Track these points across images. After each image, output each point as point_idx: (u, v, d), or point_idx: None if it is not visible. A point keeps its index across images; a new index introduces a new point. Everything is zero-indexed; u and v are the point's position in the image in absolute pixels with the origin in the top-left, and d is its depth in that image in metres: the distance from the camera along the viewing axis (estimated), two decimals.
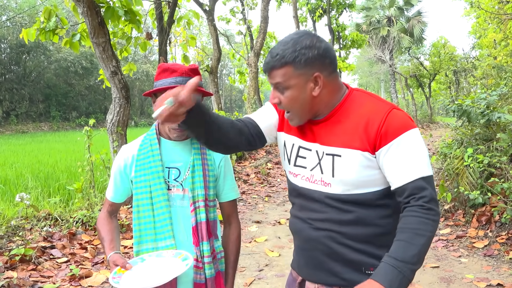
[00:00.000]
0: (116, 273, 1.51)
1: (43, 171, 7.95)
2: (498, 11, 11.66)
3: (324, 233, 1.38)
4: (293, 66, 1.29)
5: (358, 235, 1.35)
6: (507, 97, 5.84)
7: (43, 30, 5.37)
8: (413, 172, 1.28)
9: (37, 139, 19.76)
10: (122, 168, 1.69)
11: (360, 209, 1.34)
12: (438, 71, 25.11)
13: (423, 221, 1.25)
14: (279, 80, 1.32)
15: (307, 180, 1.41)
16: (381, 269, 1.23)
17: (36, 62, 32.54)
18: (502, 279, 3.47)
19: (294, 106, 1.35)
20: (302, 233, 1.45)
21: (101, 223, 1.71)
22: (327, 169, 1.36)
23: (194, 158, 1.66)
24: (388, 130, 1.28)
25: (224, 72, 52.00)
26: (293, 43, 1.30)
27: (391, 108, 1.32)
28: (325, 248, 1.39)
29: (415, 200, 1.27)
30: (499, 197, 4.40)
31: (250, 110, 13.54)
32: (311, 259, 1.44)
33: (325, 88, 1.34)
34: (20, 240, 4.03)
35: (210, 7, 11.92)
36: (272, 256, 4.21)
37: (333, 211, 1.36)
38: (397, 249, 1.23)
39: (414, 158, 1.28)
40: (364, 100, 1.37)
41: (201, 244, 1.62)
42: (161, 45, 6.81)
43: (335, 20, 19.22)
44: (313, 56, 1.30)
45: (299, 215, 1.46)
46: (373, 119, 1.30)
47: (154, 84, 1.64)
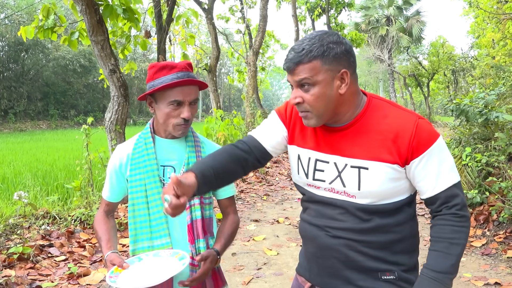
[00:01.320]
0: (113, 272, 1.51)
1: (41, 170, 7.93)
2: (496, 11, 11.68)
3: (341, 241, 1.36)
4: (321, 60, 1.24)
5: (376, 242, 1.34)
6: (505, 96, 5.85)
7: (42, 28, 5.37)
8: (446, 181, 1.29)
9: (36, 138, 19.72)
10: (118, 167, 1.69)
11: (380, 218, 1.34)
12: (437, 71, 25.14)
13: (457, 230, 1.27)
14: (305, 76, 1.26)
15: (329, 191, 1.38)
16: (422, 282, 1.26)
17: (35, 60, 32.46)
18: (500, 278, 3.48)
19: (319, 105, 1.29)
20: (317, 240, 1.41)
21: (98, 223, 1.71)
22: (351, 182, 1.32)
23: (189, 156, 1.66)
24: (419, 143, 1.27)
25: (223, 71, 51.96)
26: (320, 39, 1.26)
27: (417, 119, 1.30)
28: (341, 256, 1.37)
29: (447, 209, 1.29)
30: (497, 196, 4.41)
31: (248, 108, 13.54)
32: (326, 267, 1.41)
33: (350, 88, 1.31)
34: (18, 238, 4.02)
35: (209, 6, 11.90)
36: (270, 255, 4.21)
37: (353, 220, 1.34)
38: (435, 260, 1.26)
39: (445, 166, 1.29)
40: (387, 111, 1.34)
41: (196, 242, 1.62)
42: (160, 44, 6.81)
43: (334, 19, 19.20)
44: (341, 52, 1.26)
45: (315, 222, 1.42)
46: (402, 132, 1.28)
47: (152, 83, 1.60)
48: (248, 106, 13.64)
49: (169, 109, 1.58)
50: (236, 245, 4.54)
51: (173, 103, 1.57)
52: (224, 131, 8.65)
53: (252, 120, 13.10)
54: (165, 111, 1.59)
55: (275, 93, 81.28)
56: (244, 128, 11.78)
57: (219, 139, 8.48)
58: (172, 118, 1.59)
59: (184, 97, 1.57)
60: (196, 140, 1.71)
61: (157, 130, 1.70)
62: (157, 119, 1.65)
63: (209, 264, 1.55)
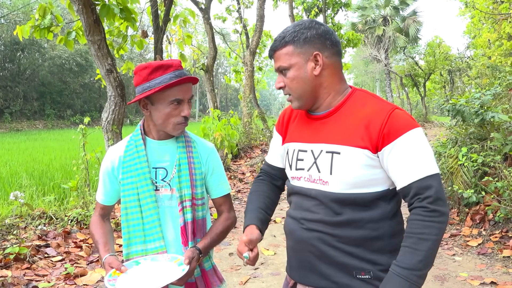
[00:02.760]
0: (111, 275, 1.50)
1: (37, 170, 7.91)
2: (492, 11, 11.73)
3: (315, 234, 1.37)
4: (293, 45, 1.34)
5: (350, 238, 1.32)
6: (501, 96, 5.88)
7: (38, 28, 5.34)
8: (419, 170, 1.26)
9: (32, 137, 19.66)
10: (110, 170, 1.67)
11: (353, 211, 1.32)
12: (433, 71, 25.22)
13: (427, 225, 1.23)
14: (281, 62, 1.37)
15: (307, 180, 1.40)
16: (388, 278, 1.24)
17: (31, 59, 32.33)
18: (496, 277, 3.50)
19: (297, 86, 1.37)
20: (294, 233, 1.44)
21: (94, 227, 1.69)
22: (324, 167, 1.34)
23: (180, 157, 1.64)
24: (391, 130, 1.27)
25: (220, 71, 51.92)
26: (293, 26, 1.38)
27: (393, 108, 1.32)
28: (315, 250, 1.37)
29: (419, 201, 1.25)
30: (493, 196, 4.43)
31: (245, 108, 13.54)
32: (302, 261, 1.42)
33: (327, 69, 1.36)
34: (14, 238, 4.01)
35: (206, 6, 11.89)
36: (267, 255, 4.22)
37: (326, 212, 1.34)
38: (403, 256, 1.23)
39: (419, 156, 1.27)
40: (366, 100, 1.37)
41: (189, 244, 1.61)
42: (157, 43, 6.80)
43: (331, 19, 19.23)
44: (312, 35, 1.34)
45: (293, 215, 1.45)
46: (375, 118, 1.30)
47: (148, 84, 1.55)
48: (245, 106, 13.64)
49: (170, 109, 1.56)
50: (233, 245, 4.54)
51: (173, 102, 1.55)
52: (221, 131, 8.65)
53: (249, 120, 13.10)
54: (165, 111, 1.56)
55: (272, 93, 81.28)
56: (241, 128, 11.78)
57: (216, 139, 8.48)
58: (172, 117, 1.57)
59: (184, 95, 1.57)
60: (187, 140, 1.69)
61: (148, 131, 1.68)
62: (153, 120, 1.62)
63: (194, 263, 1.53)
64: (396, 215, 1.39)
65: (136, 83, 1.60)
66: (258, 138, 12.64)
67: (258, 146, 11.96)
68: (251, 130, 12.63)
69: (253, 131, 12.84)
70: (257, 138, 12.60)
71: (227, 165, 8.54)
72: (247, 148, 11.26)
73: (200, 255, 1.58)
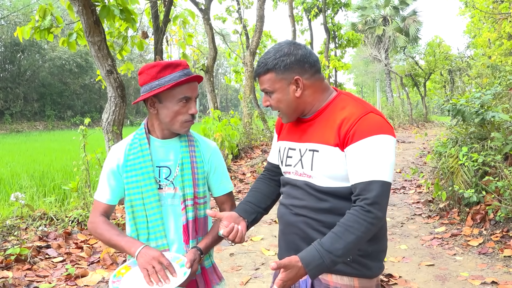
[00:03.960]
0: (116, 276, 1.49)
1: (38, 171, 7.91)
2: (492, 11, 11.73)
3: (301, 219, 1.51)
4: (274, 72, 1.47)
5: (332, 223, 1.40)
6: (501, 96, 5.88)
7: (38, 29, 5.35)
8: (368, 174, 1.35)
9: (32, 138, 19.66)
10: (115, 168, 1.67)
11: (335, 200, 1.44)
12: (433, 70, 25.20)
13: (357, 221, 1.32)
14: (265, 86, 1.50)
15: (295, 174, 1.55)
16: (308, 249, 1.34)
17: (31, 60, 32.35)
18: (497, 277, 3.50)
19: (281, 107, 1.51)
20: (283, 217, 1.59)
21: (104, 227, 1.63)
22: (307, 164, 1.48)
23: (183, 156, 1.65)
24: (357, 130, 1.37)
25: (220, 71, 51.93)
26: (274, 52, 1.48)
27: (367, 112, 1.41)
28: (301, 233, 1.51)
29: (359, 201, 1.35)
30: (493, 196, 4.43)
31: (246, 109, 13.54)
32: (289, 243, 1.57)
33: (307, 90, 1.49)
34: (15, 239, 4.01)
35: (205, 6, 11.89)
36: (268, 255, 4.22)
37: (311, 199, 1.48)
38: (327, 239, 1.33)
39: (373, 161, 1.35)
40: (347, 103, 1.48)
41: (191, 242, 1.62)
42: (157, 44, 6.80)
43: (331, 19, 19.22)
44: (291, 62, 1.46)
45: (284, 202, 1.61)
46: (348, 119, 1.41)
47: (157, 82, 1.56)
48: (245, 106, 13.64)
49: (179, 107, 1.58)
50: (234, 245, 4.54)
51: (182, 99, 1.58)
52: (222, 131, 8.66)
53: (249, 121, 13.10)
54: (174, 109, 1.58)
55: None
56: (242, 129, 11.78)
57: (216, 140, 8.48)
58: (180, 115, 1.59)
59: (192, 93, 1.60)
60: (190, 139, 1.70)
61: (152, 130, 1.69)
62: (159, 118, 1.62)
63: (195, 265, 1.55)
64: None
65: (143, 82, 1.61)
66: (259, 139, 12.63)
67: (259, 146, 11.96)
68: (251, 131, 12.63)
69: (253, 131, 12.83)
70: (258, 139, 12.59)
71: (227, 165, 8.54)
72: (248, 148, 11.26)
73: (201, 255, 1.59)
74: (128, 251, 1.54)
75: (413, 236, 4.73)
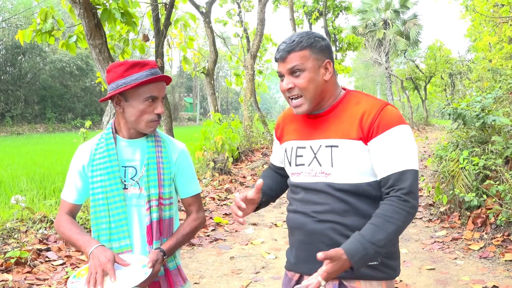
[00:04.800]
0: (75, 277, 1.48)
1: (38, 173, 7.90)
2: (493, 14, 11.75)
3: (328, 225, 1.44)
4: (310, 50, 1.44)
5: (359, 226, 1.39)
6: (502, 99, 5.88)
7: (39, 32, 5.35)
8: (399, 163, 1.37)
9: (33, 141, 19.68)
10: (81, 168, 1.67)
11: (358, 200, 1.42)
12: (434, 74, 25.24)
13: (396, 211, 1.33)
14: (296, 63, 1.43)
15: (308, 175, 1.49)
16: (349, 242, 1.32)
17: (32, 63, 32.41)
18: (498, 281, 3.49)
19: (309, 88, 1.45)
20: (305, 227, 1.49)
21: (66, 223, 1.65)
22: (325, 160, 1.44)
23: (149, 156, 1.65)
24: (381, 122, 1.39)
25: (221, 74, 52.02)
26: (307, 34, 1.48)
27: (385, 104, 1.44)
28: (328, 240, 1.44)
29: (394, 191, 1.36)
30: (494, 199, 4.42)
31: (246, 112, 13.54)
32: (313, 253, 1.43)
33: (333, 77, 1.50)
34: (15, 242, 4.00)
35: (206, 9, 11.92)
36: (268, 259, 4.21)
37: (335, 201, 1.43)
38: (367, 230, 1.33)
39: (402, 150, 1.37)
40: (360, 98, 1.49)
41: (154, 243, 1.62)
42: (158, 47, 6.81)
43: (332, 22, 19.27)
44: (325, 45, 1.48)
45: (301, 210, 1.50)
46: (368, 112, 1.41)
47: (123, 80, 1.57)
48: (246, 109, 13.65)
49: (144, 106, 1.58)
50: (234, 248, 4.54)
51: (148, 99, 1.58)
52: (222, 134, 8.65)
53: (250, 124, 13.10)
54: (139, 108, 1.58)
55: (273, 96, 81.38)
56: (242, 132, 11.78)
57: (217, 142, 8.48)
58: (146, 114, 1.59)
59: (158, 92, 1.60)
60: (157, 139, 1.70)
61: (119, 130, 1.68)
62: (125, 117, 1.63)
63: (157, 266, 1.54)
64: None
65: (110, 80, 1.62)
66: (259, 142, 12.63)
67: (259, 149, 11.96)
68: (252, 134, 12.62)
69: (254, 134, 12.83)
70: (258, 142, 12.59)
71: (228, 168, 8.53)
72: (248, 151, 11.25)
73: (164, 256, 1.58)
74: (84, 250, 1.56)
75: (413, 240, 4.72)
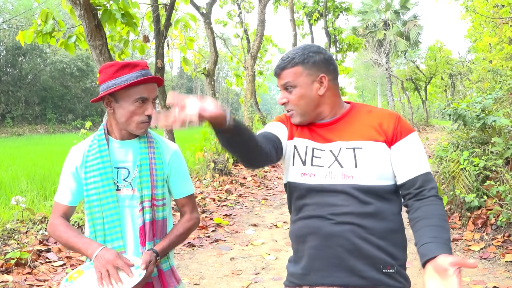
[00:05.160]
0: (68, 280, 1.48)
1: (39, 174, 7.90)
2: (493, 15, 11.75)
3: (347, 227, 1.39)
4: (302, 66, 1.47)
5: (378, 229, 1.40)
6: (502, 100, 5.88)
7: (40, 33, 5.36)
8: (423, 166, 1.43)
9: (33, 142, 19.69)
10: (74, 169, 1.67)
11: (379, 202, 1.42)
12: (434, 75, 25.24)
13: (441, 208, 1.38)
14: (289, 79, 1.47)
15: (327, 177, 1.45)
16: (438, 247, 1.25)
17: (32, 64, 32.44)
18: (498, 282, 3.48)
19: (301, 103, 1.48)
20: (321, 230, 1.41)
21: (62, 229, 1.64)
22: (348, 162, 1.44)
23: (142, 157, 1.65)
24: (402, 128, 1.46)
25: (221, 75, 52.03)
26: (302, 49, 1.50)
27: (398, 114, 1.53)
28: (348, 244, 1.38)
29: (427, 191, 1.40)
30: (494, 200, 4.42)
31: (246, 113, 13.55)
32: (330, 259, 1.41)
33: (329, 91, 1.50)
34: (15, 243, 4.00)
35: (207, 10, 11.93)
36: (269, 259, 4.21)
37: (355, 203, 1.40)
38: (436, 232, 1.30)
39: (422, 154, 1.46)
40: (369, 108, 1.56)
41: (147, 244, 1.61)
42: (158, 48, 6.81)
43: (332, 23, 19.26)
44: (320, 60, 1.48)
45: (316, 213, 1.43)
46: (388, 119, 1.48)
47: (113, 81, 1.57)
48: (246, 110, 13.65)
49: (134, 107, 1.58)
50: (234, 249, 4.53)
51: (138, 100, 1.58)
52: None
53: (250, 124, 13.10)
54: (129, 109, 1.58)
55: (273, 97, 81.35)
56: None
57: (217, 143, 8.47)
58: (136, 115, 1.59)
59: (149, 94, 1.60)
60: (150, 140, 1.70)
61: (111, 131, 1.68)
62: (116, 118, 1.63)
63: (151, 267, 1.54)
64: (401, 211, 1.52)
65: (101, 81, 1.61)
66: None
67: None
68: None
69: None
70: None
71: (228, 169, 8.53)
72: None
73: (157, 257, 1.58)
74: (85, 252, 1.55)
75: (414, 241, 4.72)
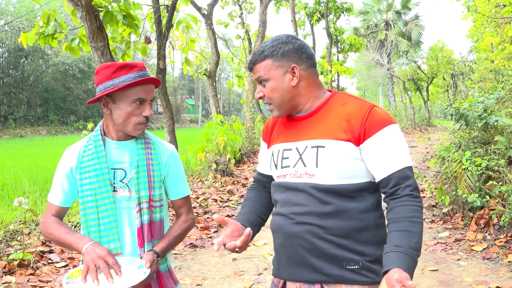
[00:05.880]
0: (69, 278, 1.47)
1: (41, 175, 7.93)
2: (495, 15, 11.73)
3: (305, 228, 1.41)
4: (271, 58, 1.44)
5: (339, 229, 1.38)
6: (504, 100, 5.86)
7: (42, 35, 5.37)
8: (398, 162, 1.36)
9: (35, 143, 19.73)
10: (69, 170, 1.66)
11: (340, 201, 1.38)
12: (436, 75, 25.18)
13: (414, 209, 1.32)
14: (261, 74, 1.45)
15: (293, 176, 1.46)
16: (394, 257, 1.24)
17: (34, 66, 32.53)
18: (501, 282, 3.47)
19: (275, 96, 1.46)
20: (283, 229, 1.46)
21: (54, 226, 1.62)
22: (310, 161, 1.42)
23: (139, 158, 1.64)
24: (372, 124, 1.37)
25: (223, 76, 52.07)
26: (271, 41, 1.47)
27: (372, 106, 1.43)
28: (306, 244, 1.41)
29: (401, 190, 1.34)
30: (497, 200, 4.41)
31: (248, 113, 13.56)
32: (292, 256, 1.45)
33: (303, 81, 1.46)
34: (18, 244, 4.01)
35: (208, 11, 11.94)
36: (271, 260, 4.20)
37: (314, 203, 1.40)
38: (400, 238, 1.27)
39: (397, 149, 1.37)
40: (346, 99, 1.47)
41: (146, 246, 1.61)
42: (160, 49, 6.82)
43: (333, 24, 19.25)
44: (289, 50, 1.44)
45: (282, 211, 1.48)
46: (356, 114, 1.40)
47: (111, 82, 1.56)
48: (247, 111, 13.66)
49: (132, 108, 1.57)
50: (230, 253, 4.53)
51: (136, 101, 1.57)
52: (224, 136, 8.66)
53: (252, 125, 13.11)
54: (127, 110, 1.57)
55: None
56: (244, 133, 11.78)
57: (219, 144, 8.48)
58: (134, 116, 1.58)
59: (146, 95, 1.59)
60: (147, 141, 1.69)
61: (107, 132, 1.67)
62: (113, 119, 1.62)
63: (154, 267, 1.55)
64: (378, 207, 1.46)
65: (97, 82, 1.61)
66: None
67: None
68: (254, 135, 12.63)
69: (256, 136, 12.84)
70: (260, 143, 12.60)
71: (230, 170, 8.53)
72: (250, 153, 11.26)
73: (158, 258, 1.58)
74: (76, 247, 1.53)
75: None
